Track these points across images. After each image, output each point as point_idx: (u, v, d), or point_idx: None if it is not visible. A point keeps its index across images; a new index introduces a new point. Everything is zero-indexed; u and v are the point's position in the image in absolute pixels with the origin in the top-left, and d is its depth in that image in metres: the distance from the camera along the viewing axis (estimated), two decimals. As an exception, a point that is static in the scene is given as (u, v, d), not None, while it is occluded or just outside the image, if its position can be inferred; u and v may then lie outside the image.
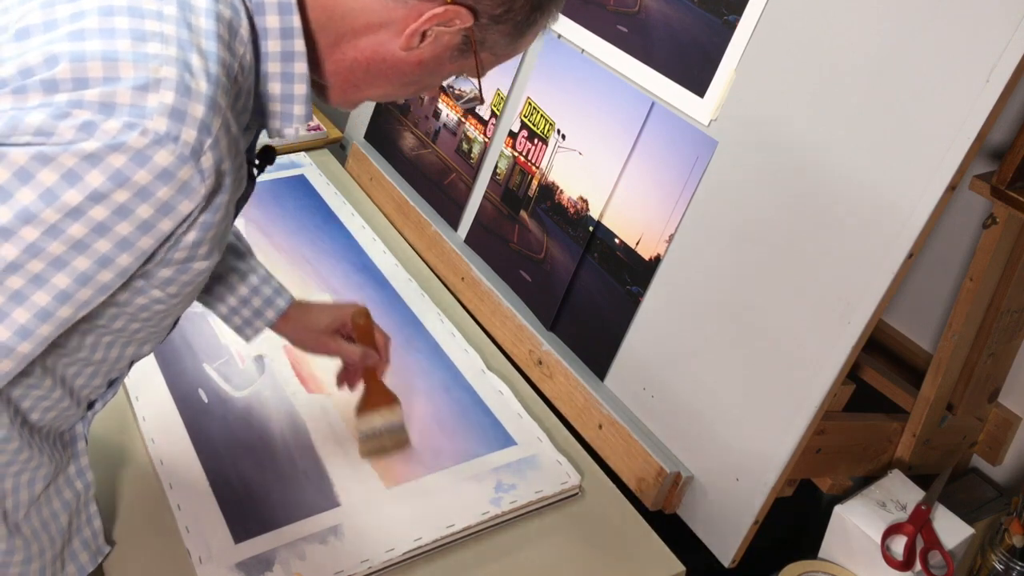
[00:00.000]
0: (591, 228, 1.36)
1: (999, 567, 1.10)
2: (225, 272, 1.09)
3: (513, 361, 1.42)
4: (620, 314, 1.31)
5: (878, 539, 1.10)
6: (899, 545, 1.10)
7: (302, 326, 1.15)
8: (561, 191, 1.42)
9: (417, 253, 1.65)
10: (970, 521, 1.13)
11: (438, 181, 1.69)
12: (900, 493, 1.16)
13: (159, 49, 0.65)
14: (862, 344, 1.04)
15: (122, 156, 0.63)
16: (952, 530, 1.11)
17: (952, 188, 0.97)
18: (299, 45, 0.74)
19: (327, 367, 1.29)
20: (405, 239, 1.68)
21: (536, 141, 1.48)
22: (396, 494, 1.15)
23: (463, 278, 1.55)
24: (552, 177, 1.44)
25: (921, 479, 1.19)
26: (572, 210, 1.39)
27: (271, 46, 0.74)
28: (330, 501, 1.13)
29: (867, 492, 1.15)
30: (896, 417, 1.26)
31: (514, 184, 1.51)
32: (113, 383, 0.94)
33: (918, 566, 1.08)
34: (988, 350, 1.23)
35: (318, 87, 0.80)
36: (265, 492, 1.13)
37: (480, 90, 0.83)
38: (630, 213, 1.31)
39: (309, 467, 1.17)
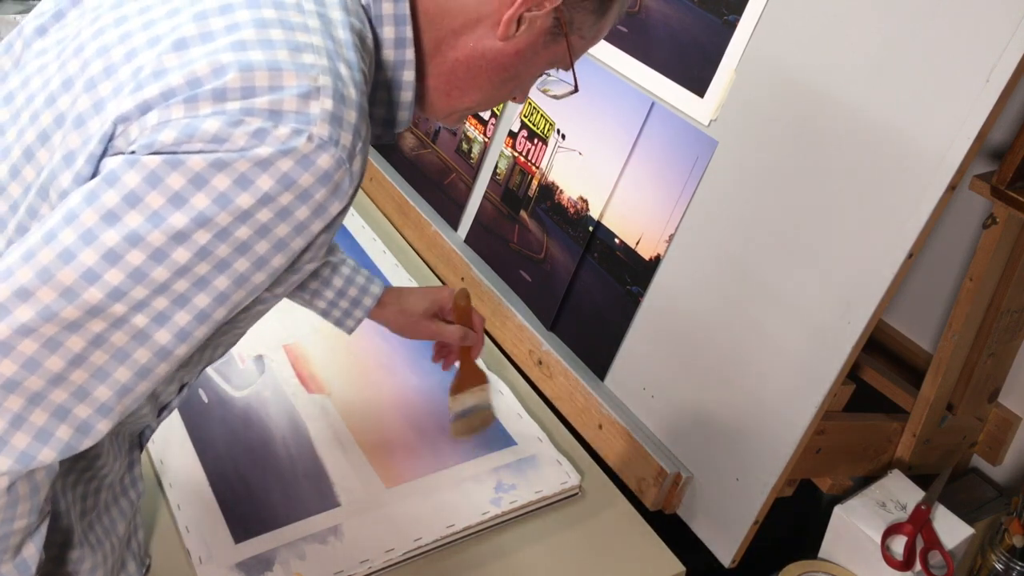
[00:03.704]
0: (591, 228, 1.36)
1: (999, 567, 1.10)
2: (318, 267, 1.10)
3: (513, 361, 1.42)
4: (620, 314, 1.31)
5: (878, 539, 1.10)
6: (899, 545, 1.10)
7: (398, 310, 1.17)
8: (561, 191, 1.42)
9: (417, 253, 1.65)
10: (970, 521, 1.13)
11: (438, 181, 1.69)
12: (900, 493, 1.16)
13: (314, 59, 0.68)
14: (862, 344, 1.04)
15: (290, 160, 0.65)
16: (952, 530, 1.12)
17: (952, 188, 0.97)
18: (409, 54, 0.78)
19: (327, 367, 1.29)
20: (405, 239, 1.68)
21: (536, 141, 1.48)
22: (396, 494, 1.15)
23: (463, 278, 1.55)
24: (552, 177, 1.44)
25: (921, 479, 1.19)
26: (572, 210, 1.39)
27: (387, 55, 0.77)
28: (330, 501, 1.13)
29: (867, 492, 1.15)
30: (896, 417, 1.26)
31: (514, 184, 1.51)
32: (183, 387, 0.94)
33: (918, 566, 1.08)
34: (988, 350, 1.23)
35: (419, 97, 0.83)
36: (265, 492, 1.13)
37: (575, 77, 0.85)
38: (630, 213, 1.31)
39: (309, 467, 1.17)
